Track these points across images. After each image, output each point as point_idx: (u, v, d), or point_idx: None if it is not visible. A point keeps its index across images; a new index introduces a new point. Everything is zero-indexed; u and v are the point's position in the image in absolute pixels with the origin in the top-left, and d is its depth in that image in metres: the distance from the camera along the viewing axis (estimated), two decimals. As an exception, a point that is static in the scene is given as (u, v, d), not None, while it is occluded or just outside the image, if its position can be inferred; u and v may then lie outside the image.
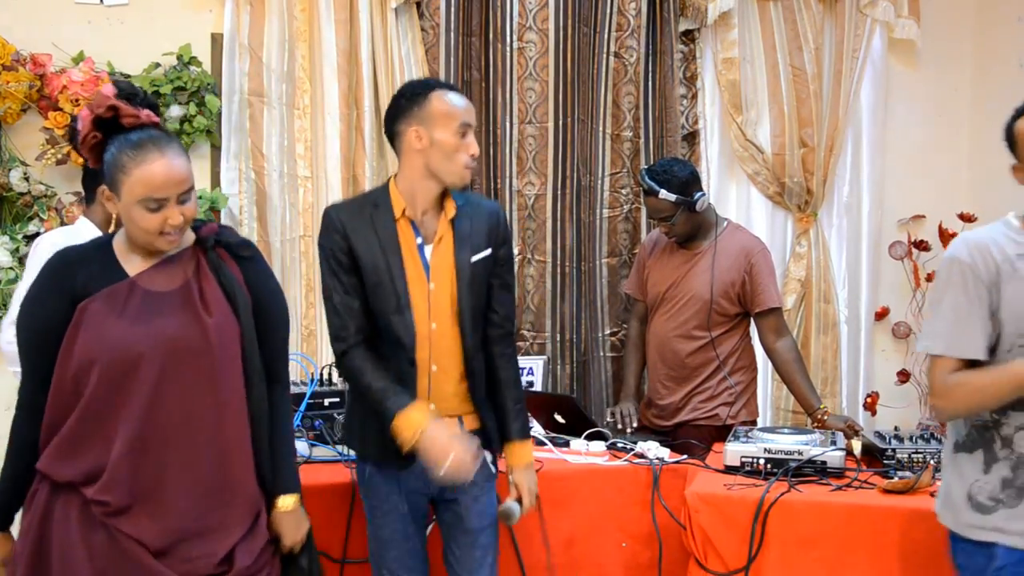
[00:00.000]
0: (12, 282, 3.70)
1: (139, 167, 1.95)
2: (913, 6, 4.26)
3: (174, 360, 1.98)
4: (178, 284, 2.05)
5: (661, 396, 3.51)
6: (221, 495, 2.04)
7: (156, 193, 1.95)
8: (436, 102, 2.36)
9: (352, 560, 2.70)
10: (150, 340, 1.97)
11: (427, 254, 2.41)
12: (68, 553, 1.96)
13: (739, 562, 2.60)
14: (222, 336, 2.04)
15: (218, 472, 2.03)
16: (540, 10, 4.05)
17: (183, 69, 3.82)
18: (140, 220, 1.98)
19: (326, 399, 3.05)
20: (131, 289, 2.01)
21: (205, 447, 2.02)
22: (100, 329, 1.97)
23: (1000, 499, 2.08)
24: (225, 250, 2.12)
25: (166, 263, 2.06)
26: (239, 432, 2.06)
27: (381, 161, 4.03)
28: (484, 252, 2.44)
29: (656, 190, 3.35)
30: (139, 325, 1.98)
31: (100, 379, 1.95)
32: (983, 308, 2.07)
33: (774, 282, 3.43)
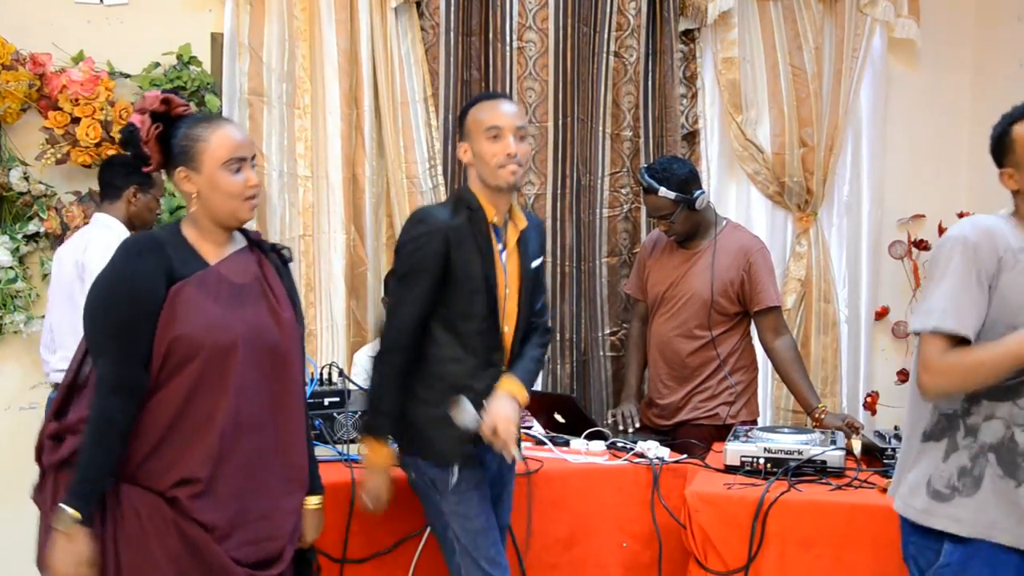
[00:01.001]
0: (12, 282, 3.70)
1: (216, 132, 2.07)
2: (913, 6, 4.26)
3: (257, 350, 2.06)
4: (251, 277, 2.12)
5: (661, 396, 3.51)
6: (285, 484, 2.13)
7: (238, 152, 2.07)
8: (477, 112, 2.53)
9: (352, 560, 2.70)
10: (241, 327, 2.04)
11: (504, 260, 2.53)
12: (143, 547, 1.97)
13: (739, 561, 2.61)
14: (292, 333, 2.14)
15: (283, 462, 2.12)
16: (540, 10, 4.05)
17: (183, 69, 3.81)
18: (226, 184, 2.05)
19: (326, 399, 3.04)
20: (219, 278, 2.07)
21: (273, 436, 2.10)
22: (199, 313, 2.00)
23: (956, 487, 2.11)
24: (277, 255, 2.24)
25: (237, 255, 2.13)
26: (300, 425, 2.17)
27: (381, 161, 4.03)
28: (539, 260, 2.63)
29: (655, 188, 3.35)
30: (231, 312, 2.04)
31: (205, 362, 2.00)
32: (982, 290, 2.05)
33: (773, 281, 3.43)
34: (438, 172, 4.00)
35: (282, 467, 2.12)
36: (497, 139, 2.46)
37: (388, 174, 4.02)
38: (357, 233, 4.00)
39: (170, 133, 2.09)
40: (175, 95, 2.12)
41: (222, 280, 2.07)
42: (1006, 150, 2.15)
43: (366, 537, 2.72)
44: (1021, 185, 2.13)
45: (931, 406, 2.18)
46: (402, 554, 2.75)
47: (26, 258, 3.77)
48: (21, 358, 3.79)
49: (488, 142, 2.46)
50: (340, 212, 3.96)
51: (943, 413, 2.16)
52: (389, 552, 2.74)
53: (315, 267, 3.97)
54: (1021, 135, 2.12)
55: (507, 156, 2.45)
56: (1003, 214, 2.17)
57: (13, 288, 3.71)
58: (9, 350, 3.78)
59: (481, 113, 2.50)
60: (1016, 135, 2.13)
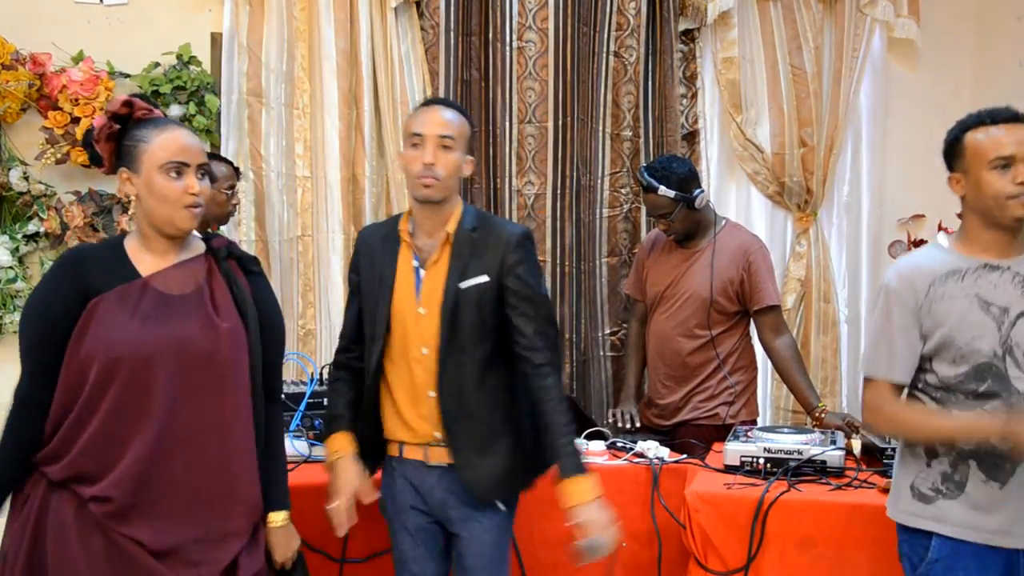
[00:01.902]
0: (12, 282, 3.69)
1: (160, 135, 2.01)
2: (913, 5, 4.25)
3: (186, 363, 1.99)
4: (191, 288, 2.05)
5: (661, 396, 3.51)
6: (225, 502, 2.04)
7: (179, 156, 1.99)
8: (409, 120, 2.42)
9: (352, 560, 2.70)
10: (163, 342, 1.97)
11: (421, 276, 2.38)
12: (65, 558, 1.95)
13: (739, 561, 2.61)
14: (233, 343, 2.05)
15: (223, 479, 2.03)
16: (540, 10, 4.04)
17: (182, 69, 3.81)
18: (161, 188, 1.99)
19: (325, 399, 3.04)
20: (144, 289, 2.01)
21: (212, 453, 2.02)
22: (112, 328, 1.96)
23: (940, 490, 2.17)
24: (236, 263, 2.14)
25: (180, 266, 2.06)
26: (245, 440, 2.07)
27: (381, 161, 4.03)
28: (479, 279, 2.34)
29: (655, 186, 3.35)
30: (151, 325, 1.98)
31: (118, 379, 1.95)
32: (907, 333, 2.17)
33: (773, 280, 3.43)
34: (438, 172, 4.00)
35: (222, 484, 2.03)
36: (416, 147, 2.33)
37: (388, 174, 4.02)
38: (357, 233, 3.99)
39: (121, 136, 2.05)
40: (143, 99, 2.07)
41: (147, 292, 2.00)
42: (956, 156, 2.25)
43: (366, 537, 2.71)
44: (967, 191, 2.22)
45: None
46: (402, 554, 2.74)
47: (26, 258, 3.77)
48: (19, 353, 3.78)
49: (408, 149, 2.35)
50: (339, 212, 3.96)
51: None
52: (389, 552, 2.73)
53: (314, 267, 3.97)
54: (972, 144, 2.18)
55: (424, 166, 2.31)
56: (940, 238, 2.28)
57: (13, 288, 3.70)
58: (9, 350, 3.76)
59: (411, 119, 2.41)
60: (968, 143, 2.22)
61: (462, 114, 2.42)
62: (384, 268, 2.39)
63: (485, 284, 2.34)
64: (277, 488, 2.17)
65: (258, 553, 2.09)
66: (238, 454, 2.06)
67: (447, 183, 2.34)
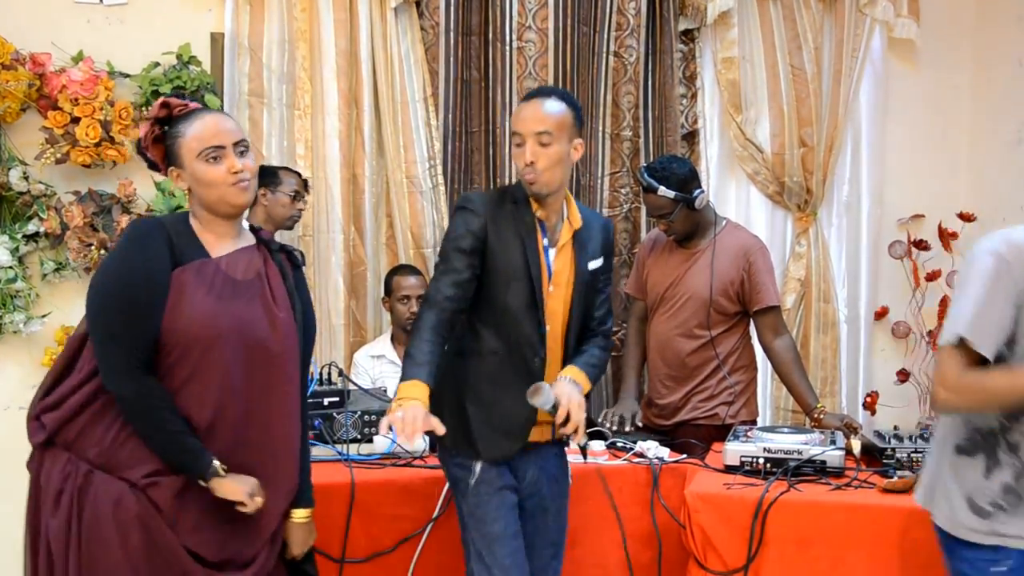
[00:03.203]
0: (11, 281, 3.69)
1: (191, 126, 2.07)
2: (912, 5, 4.25)
3: (247, 347, 2.04)
4: (253, 275, 2.11)
5: (661, 395, 3.51)
6: (266, 487, 2.08)
7: (211, 142, 2.05)
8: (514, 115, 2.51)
9: (352, 560, 2.70)
10: (231, 322, 2.02)
11: (551, 258, 2.48)
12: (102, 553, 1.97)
13: (738, 561, 2.60)
14: (287, 333, 2.12)
15: (266, 464, 2.09)
16: (539, 9, 4.04)
17: (183, 69, 3.81)
18: (206, 174, 2.05)
19: (325, 399, 3.05)
20: (217, 269, 2.06)
21: (256, 438, 2.08)
22: (191, 303, 2.00)
23: (1000, 504, 2.05)
24: (287, 256, 2.22)
25: (241, 251, 2.12)
26: (290, 430, 2.13)
27: (381, 161, 4.03)
28: (598, 261, 2.56)
29: (655, 187, 3.35)
30: (222, 305, 2.03)
31: (188, 353, 1.99)
32: (1008, 309, 2.00)
33: (773, 281, 3.44)
34: (438, 172, 4.00)
35: (264, 467, 2.08)
36: (519, 146, 2.44)
37: (388, 174, 4.02)
38: (357, 233, 4.00)
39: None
40: (175, 96, 2.13)
41: (219, 272, 2.06)
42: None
43: (366, 537, 2.72)
44: None
45: (962, 418, 2.12)
46: (402, 554, 2.75)
47: (26, 258, 3.77)
48: (21, 358, 3.78)
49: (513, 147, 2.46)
50: (339, 212, 3.96)
51: (977, 428, 2.09)
52: (389, 552, 2.74)
53: (314, 267, 3.96)
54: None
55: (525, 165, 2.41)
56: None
57: (13, 288, 3.70)
58: (9, 350, 3.78)
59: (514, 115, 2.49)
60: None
61: (562, 99, 2.46)
62: (528, 240, 2.45)
63: (599, 267, 2.58)
64: (305, 485, 2.23)
65: (279, 540, 2.16)
66: (282, 441, 2.12)
67: (551, 177, 2.43)
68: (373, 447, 2.96)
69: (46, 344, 3.77)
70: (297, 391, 2.15)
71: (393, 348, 3.79)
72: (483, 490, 2.45)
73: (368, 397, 3.16)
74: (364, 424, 3.02)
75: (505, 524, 2.44)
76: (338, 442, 2.94)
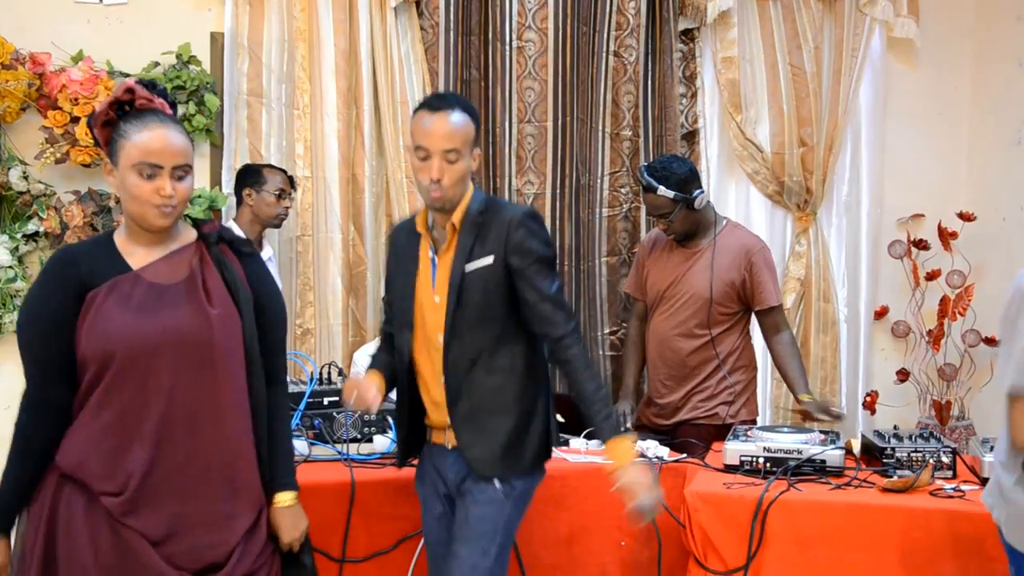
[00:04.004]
0: (11, 281, 3.69)
1: (138, 132, 1.98)
2: (912, 5, 4.26)
3: (181, 352, 2.00)
4: (182, 277, 2.06)
5: (661, 395, 3.51)
6: (225, 487, 2.05)
7: (150, 158, 1.97)
8: (415, 121, 2.37)
9: (351, 559, 2.70)
10: (157, 332, 1.98)
11: (435, 266, 2.43)
12: (74, 551, 1.96)
13: (738, 561, 2.60)
14: (225, 328, 2.05)
15: (222, 464, 2.05)
16: (539, 9, 4.05)
17: (182, 68, 3.81)
18: (133, 187, 1.99)
19: (325, 398, 3.05)
20: (135, 281, 2.02)
21: (210, 439, 2.03)
22: (108, 321, 1.97)
23: None
24: (228, 247, 2.14)
25: (169, 256, 2.07)
26: (242, 425, 2.07)
27: (380, 160, 4.03)
28: (483, 260, 2.35)
29: (655, 186, 3.35)
30: (144, 317, 1.99)
31: (115, 372, 1.96)
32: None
33: (774, 280, 3.44)
34: (438, 172, 4.00)
35: (223, 469, 2.05)
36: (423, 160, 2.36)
37: (388, 173, 4.03)
38: (357, 232, 4.00)
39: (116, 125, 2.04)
40: (146, 87, 2.05)
41: (138, 284, 2.02)
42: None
43: (366, 537, 2.72)
44: None
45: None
46: (402, 554, 2.75)
47: (25, 257, 3.77)
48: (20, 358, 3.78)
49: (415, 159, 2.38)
50: (338, 212, 3.96)
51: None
52: (389, 552, 2.74)
53: (313, 267, 3.97)
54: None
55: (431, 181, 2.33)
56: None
57: (13, 287, 3.70)
58: (9, 349, 3.78)
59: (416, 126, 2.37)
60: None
61: (465, 111, 2.38)
62: (408, 262, 2.46)
63: (489, 265, 2.35)
64: (284, 468, 2.17)
65: (259, 535, 2.10)
66: (236, 439, 2.06)
67: (455, 192, 2.35)
68: (373, 447, 2.96)
69: (46, 344, 3.77)
70: (243, 384, 2.07)
71: (393, 348, 3.79)
72: (422, 493, 2.54)
73: (368, 397, 3.16)
74: (364, 424, 3.03)
75: (427, 530, 2.54)
76: (338, 442, 2.94)
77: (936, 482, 2.68)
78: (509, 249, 2.35)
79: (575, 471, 2.90)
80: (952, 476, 2.74)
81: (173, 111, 2.10)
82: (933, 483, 2.66)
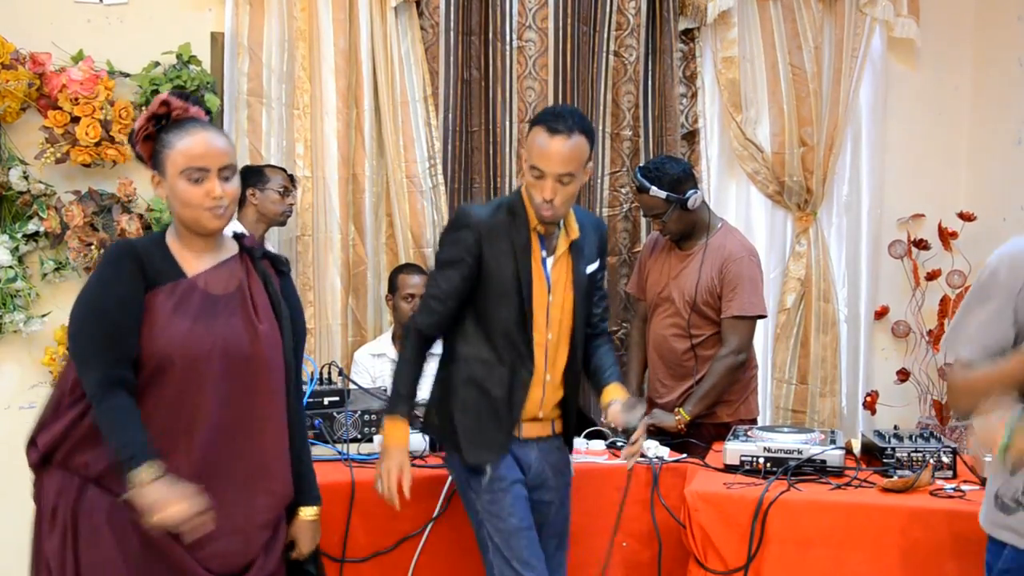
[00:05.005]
0: (11, 281, 3.69)
1: (183, 139, 2.03)
2: (912, 5, 4.26)
3: (231, 363, 2.03)
4: (233, 288, 2.09)
5: (660, 395, 3.52)
6: (260, 498, 2.09)
7: (196, 162, 2.01)
8: (532, 137, 2.44)
9: (352, 559, 2.70)
10: (211, 342, 2.01)
11: (548, 267, 2.51)
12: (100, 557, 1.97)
13: (739, 561, 2.61)
14: (270, 343, 2.10)
15: (260, 475, 2.09)
16: (540, 9, 4.05)
17: (182, 68, 3.81)
18: (184, 193, 2.02)
19: (325, 398, 3.05)
20: (191, 288, 2.05)
21: (249, 450, 2.07)
22: (169, 325, 1.99)
23: (1021, 502, 2.06)
24: (270, 263, 2.19)
25: (220, 266, 2.10)
26: (279, 438, 2.12)
27: (381, 160, 4.03)
28: (595, 264, 2.60)
29: (647, 187, 3.35)
30: (200, 325, 2.02)
31: (169, 377, 1.98)
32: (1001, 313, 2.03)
33: (751, 291, 3.37)
34: (438, 171, 4.00)
35: (260, 480, 2.09)
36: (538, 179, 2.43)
37: (388, 173, 4.02)
38: (357, 232, 4.00)
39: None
40: (179, 99, 2.08)
41: (195, 291, 2.04)
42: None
43: (366, 537, 2.72)
44: None
45: None
46: (402, 554, 2.75)
47: (25, 257, 3.77)
48: (21, 357, 3.78)
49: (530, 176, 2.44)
50: (338, 212, 3.96)
51: None
52: (389, 552, 2.74)
53: (313, 267, 3.97)
54: None
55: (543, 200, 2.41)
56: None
57: (13, 287, 3.70)
58: (9, 349, 3.78)
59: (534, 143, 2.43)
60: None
61: (582, 132, 2.41)
62: (522, 255, 2.48)
63: (596, 269, 2.62)
64: (309, 483, 2.24)
65: (279, 544, 2.15)
66: (273, 451, 2.11)
67: (565, 209, 2.47)
68: (373, 447, 2.95)
69: (46, 344, 3.77)
70: (283, 399, 2.13)
71: (394, 346, 3.79)
72: (496, 486, 2.48)
73: (368, 396, 3.16)
74: (364, 424, 3.03)
75: (520, 518, 2.49)
76: (338, 442, 2.94)
77: (936, 482, 2.68)
78: (603, 255, 2.66)
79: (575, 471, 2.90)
80: (952, 476, 2.74)
81: (209, 117, 2.13)
82: (933, 483, 2.67)
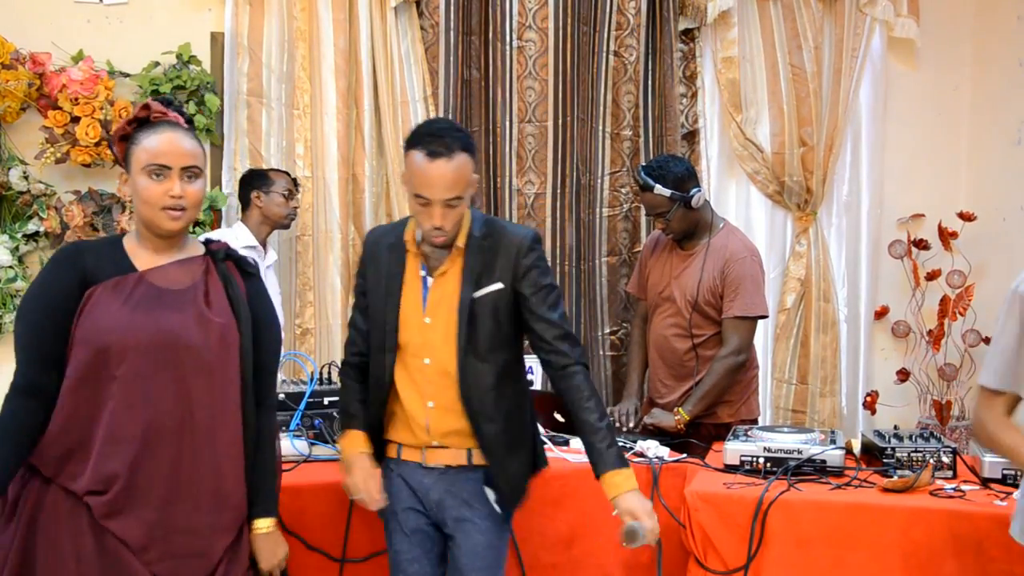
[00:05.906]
0: (11, 281, 3.70)
1: (149, 137, 2.03)
2: (912, 5, 4.26)
3: (174, 355, 2.00)
4: (186, 284, 2.07)
5: (661, 395, 3.51)
6: (210, 498, 2.04)
7: (158, 159, 2.01)
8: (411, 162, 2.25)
9: (352, 559, 2.70)
10: (150, 331, 1.98)
11: (428, 287, 2.36)
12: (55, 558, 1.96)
13: (738, 561, 2.60)
14: (223, 339, 2.05)
15: (209, 475, 2.04)
16: (540, 9, 4.05)
17: (182, 68, 3.82)
18: (144, 190, 2.02)
19: (325, 398, 3.04)
20: (138, 281, 2.03)
21: (198, 447, 2.03)
22: (104, 315, 1.98)
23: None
24: (234, 265, 2.16)
25: (176, 263, 2.08)
26: (232, 438, 2.07)
27: (380, 160, 4.03)
28: (493, 286, 2.33)
29: (651, 185, 3.35)
30: (140, 315, 1.99)
31: (105, 366, 1.96)
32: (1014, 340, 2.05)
33: (753, 291, 3.36)
34: (438, 171, 4.00)
35: (209, 479, 2.04)
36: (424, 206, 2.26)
37: (388, 173, 4.03)
38: (357, 232, 4.01)
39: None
40: (160, 104, 2.08)
41: (140, 284, 2.03)
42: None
43: (366, 537, 2.71)
44: None
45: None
46: (402, 553, 2.74)
47: (25, 257, 3.77)
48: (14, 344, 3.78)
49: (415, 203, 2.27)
50: (338, 212, 3.96)
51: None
52: (388, 552, 2.74)
53: (313, 267, 3.97)
54: None
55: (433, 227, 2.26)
56: None
57: (13, 287, 3.71)
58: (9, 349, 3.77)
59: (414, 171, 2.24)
60: None
61: (463, 149, 2.25)
62: (391, 278, 2.38)
63: (500, 291, 2.34)
64: (264, 494, 2.15)
65: (242, 556, 2.09)
66: (225, 450, 2.06)
67: (456, 229, 2.31)
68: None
69: (46, 344, 3.76)
70: (238, 397, 2.07)
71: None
72: (388, 508, 2.43)
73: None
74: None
75: (397, 548, 2.44)
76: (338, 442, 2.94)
77: (936, 482, 2.68)
78: (519, 275, 2.34)
79: (575, 471, 2.90)
80: (952, 476, 2.74)
81: (190, 126, 2.12)
82: (933, 483, 2.66)
